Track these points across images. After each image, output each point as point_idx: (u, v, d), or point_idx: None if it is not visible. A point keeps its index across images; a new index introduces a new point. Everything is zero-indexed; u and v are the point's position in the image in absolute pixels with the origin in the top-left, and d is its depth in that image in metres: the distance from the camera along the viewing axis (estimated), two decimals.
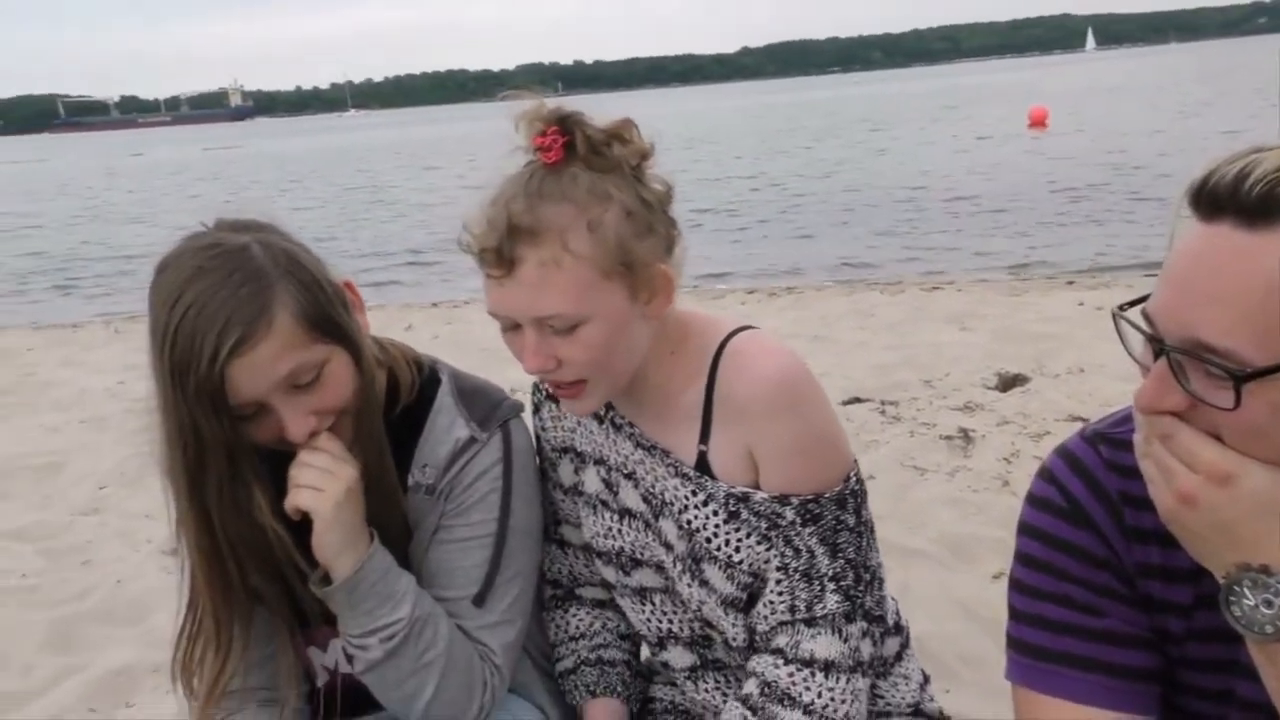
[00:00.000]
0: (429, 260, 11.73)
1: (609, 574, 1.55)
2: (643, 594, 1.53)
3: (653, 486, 1.46)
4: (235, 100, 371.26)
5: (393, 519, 1.48)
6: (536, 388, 1.60)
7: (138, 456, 4.58)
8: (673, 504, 1.43)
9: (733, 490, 1.38)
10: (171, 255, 1.33)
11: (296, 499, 1.37)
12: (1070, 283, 7.65)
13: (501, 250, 1.24)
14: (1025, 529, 1.16)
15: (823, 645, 1.36)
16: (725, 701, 1.53)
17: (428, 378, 1.55)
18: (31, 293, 11.66)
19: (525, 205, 1.25)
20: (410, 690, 1.42)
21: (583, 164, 1.28)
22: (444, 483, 1.49)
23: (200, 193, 24.60)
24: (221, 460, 1.32)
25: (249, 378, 1.28)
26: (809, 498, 1.35)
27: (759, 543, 1.37)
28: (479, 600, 1.49)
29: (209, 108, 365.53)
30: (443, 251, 11.66)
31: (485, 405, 1.52)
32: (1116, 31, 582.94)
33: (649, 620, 1.54)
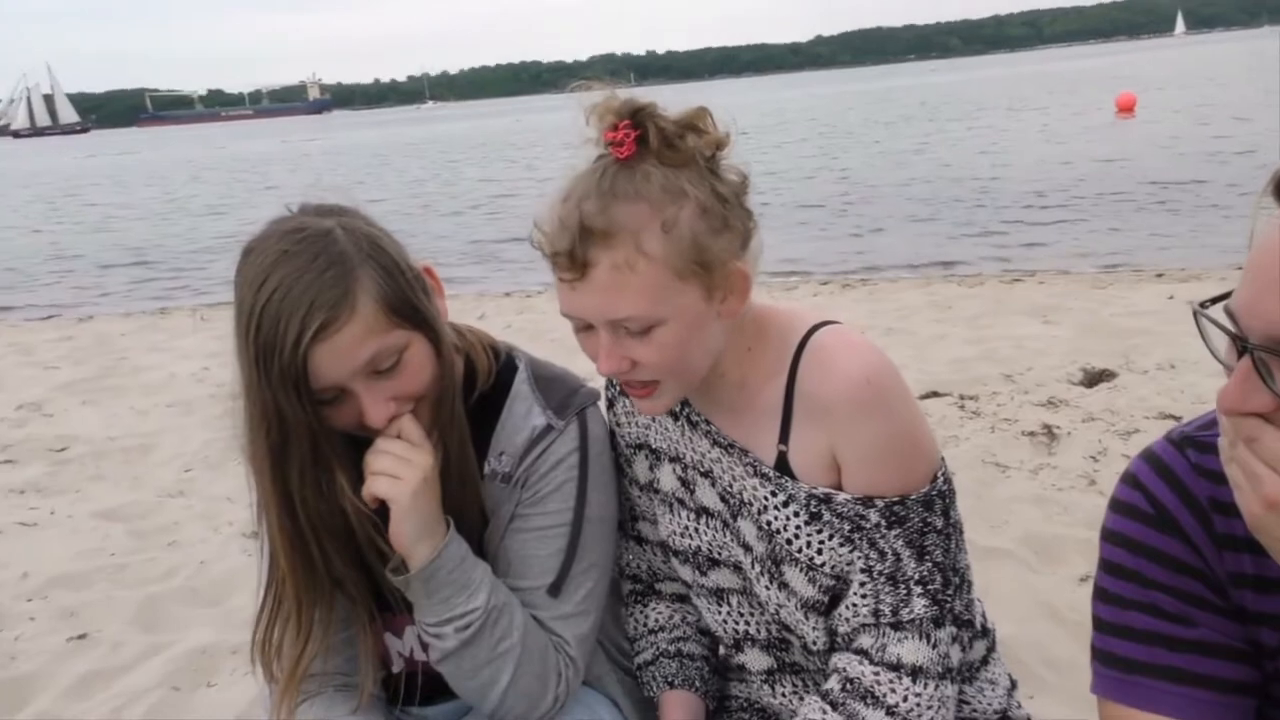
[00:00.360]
0: (500, 252, 11.82)
1: (685, 573, 1.53)
2: (719, 595, 1.50)
3: (730, 485, 1.43)
4: (314, 94, 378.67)
5: (470, 507, 1.48)
6: (611, 382, 1.58)
7: (220, 441, 4.70)
8: (751, 504, 1.40)
9: (814, 491, 1.35)
10: (257, 239, 1.34)
11: (373, 487, 1.37)
12: (1159, 275, 7.39)
13: (574, 253, 1.22)
14: (1109, 536, 1.12)
15: (910, 650, 1.31)
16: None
17: (505, 364, 1.54)
18: (120, 281, 12.03)
19: (598, 205, 1.22)
20: (485, 679, 1.42)
21: (656, 159, 1.24)
22: (520, 471, 1.48)
23: (278, 184, 25.17)
24: (304, 443, 1.32)
25: (331, 362, 1.28)
26: (894, 500, 1.31)
27: (841, 545, 1.34)
28: (554, 590, 1.48)
29: (289, 101, 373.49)
30: (513, 242, 11.77)
31: (562, 393, 1.51)
32: (1208, 15, 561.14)
33: (725, 621, 1.51)
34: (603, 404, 1.58)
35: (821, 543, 1.34)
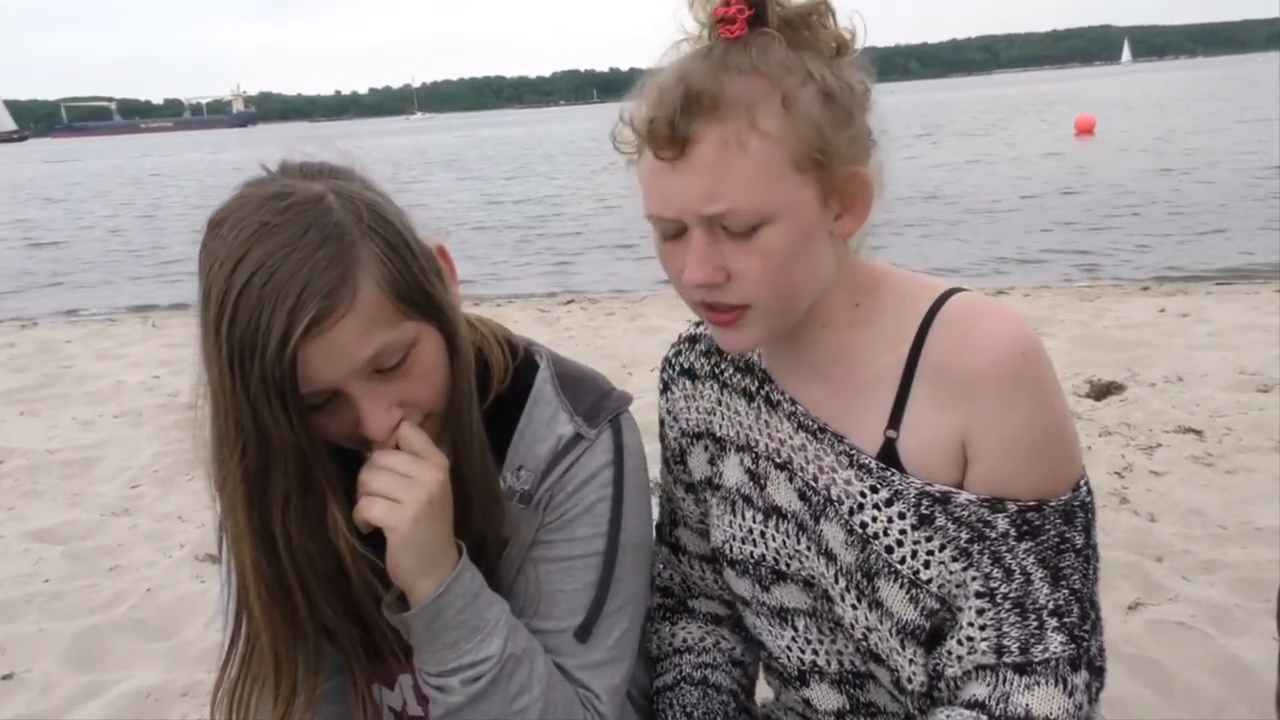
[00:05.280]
0: (472, 252, 11.47)
1: (742, 587, 1.28)
2: (783, 615, 1.25)
3: (814, 480, 1.18)
4: (238, 106, 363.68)
5: (490, 533, 1.22)
6: (668, 362, 1.35)
7: (171, 454, 4.41)
8: (841, 502, 1.15)
9: (928, 489, 1.10)
10: (230, 207, 1.06)
11: (368, 511, 1.11)
12: (1145, 289, 7.32)
13: (674, 124, 1.01)
14: None
15: (1041, 699, 1.06)
16: None
17: (523, 362, 1.30)
18: (63, 288, 11.54)
19: (707, 73, 1.03)
20: None
21: (773, 37, 1.05)
22: (543, 489, 1.23)
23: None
24: (290, 465, 1.05)
25: (325, 362, 1.02)
26: (1029, 505, 1.07)
27: (955, 559, 1.09)
28: (583, 634, 1.24)
29: (214, 114, 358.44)
30: (490, 240, 11.47)
31: (592, 395, 1.27)
32: (1158, 43, 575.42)
33: (789, 649, 1.26)
34: (648, 396, 1.33)
35: (930, 554, 1.10)
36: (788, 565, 1.23)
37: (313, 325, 0.99)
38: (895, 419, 1.13)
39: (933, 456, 1.11)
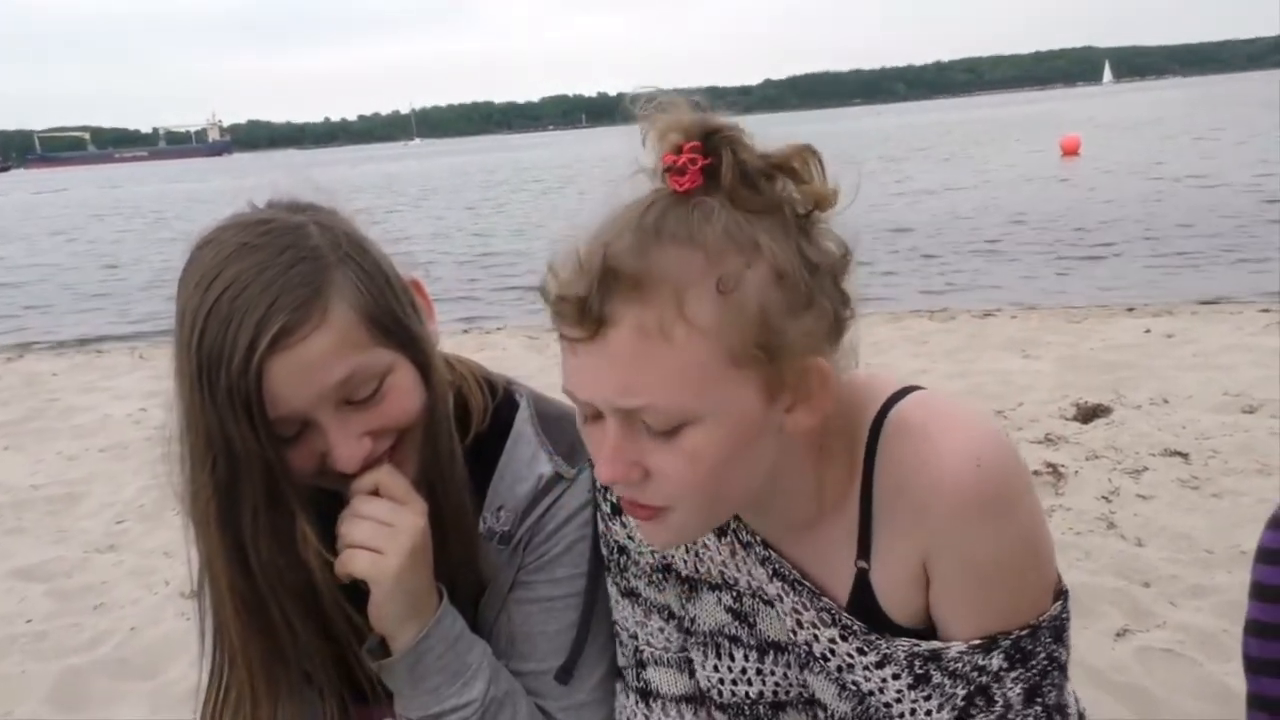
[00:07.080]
0: (460, 279, 11.45)
1: None
2: None
3: (793, 632, 1.10)
4: (213, 135, 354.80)
5: (466, 573, 1.22)
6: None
7: (157, 488, 4.34)
8: (827, 659, 1.08)
9: (917, 649, 1.02)
10: (213, 231, 1.09)
11: (351, 564, 1.11)
12: (1131, 309, 7.34)
13: (587, 302, 0.87)
14: (1267, 555, 1.05)
15: None
16: None
17: (502, 401, 1.29)
18: (48, 318, 11.49)
19: (633, 243, 0.88)
20: None
21: (726, 197, 0.90)
22: (523, 529, 1.23)
23: None
24: (257, 479, 1.05)
25: (294, 380, 1.02)
26: (1023, 633, 0.99)
27: (952, 711, 1.03)
28: (564, 675, 1.23)
29: (187, 143, 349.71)
30: (478, 268, 11.46)
31: (571, 434, 1.26)
32: (1140, 64, 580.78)
33: None
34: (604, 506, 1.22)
35: (929, 713, 1.03)
36: (787, 694, 1.16)
37: (280, 337, 1.00)
38: (864, 548, 1.03)
39: (903, 585, 1.03)
